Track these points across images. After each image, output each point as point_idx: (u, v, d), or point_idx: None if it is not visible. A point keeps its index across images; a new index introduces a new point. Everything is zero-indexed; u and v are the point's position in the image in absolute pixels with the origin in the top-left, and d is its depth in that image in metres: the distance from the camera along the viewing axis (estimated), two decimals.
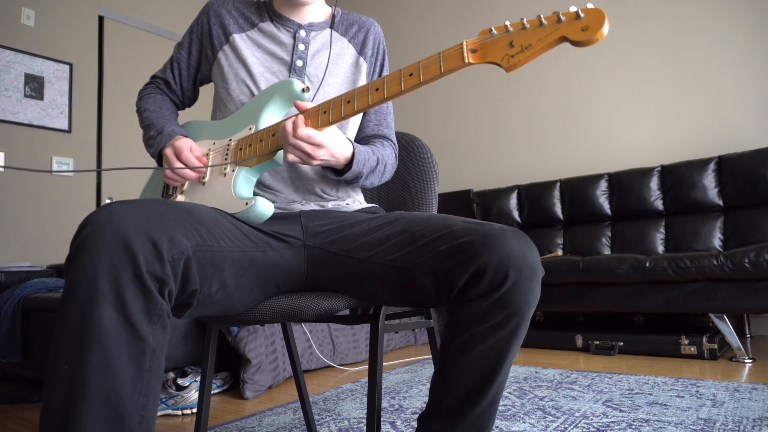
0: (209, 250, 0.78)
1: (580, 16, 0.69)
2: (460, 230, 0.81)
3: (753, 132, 3.03)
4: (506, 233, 0.78)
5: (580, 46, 0.70)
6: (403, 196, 1.27)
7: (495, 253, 0.75)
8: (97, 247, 0.66)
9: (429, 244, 0.83)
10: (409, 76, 0.82)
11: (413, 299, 0.88)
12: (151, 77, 1.24)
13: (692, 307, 2.42)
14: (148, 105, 1.18)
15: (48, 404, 0.63)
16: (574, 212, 3.34)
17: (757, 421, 1.43)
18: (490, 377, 0.79)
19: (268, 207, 0.94)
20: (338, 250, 0.94)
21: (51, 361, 0.65)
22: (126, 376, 0.64)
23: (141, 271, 0.67)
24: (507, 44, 0.74)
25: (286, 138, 0.89)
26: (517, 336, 0.79)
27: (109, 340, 0.64)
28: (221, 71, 1.12)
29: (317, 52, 1.13)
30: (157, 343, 0.68)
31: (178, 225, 0.74)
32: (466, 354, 0.79)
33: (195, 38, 1.17)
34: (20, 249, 3.35)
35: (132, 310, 0.66)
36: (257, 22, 1.15)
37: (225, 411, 1.78)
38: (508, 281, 0.75)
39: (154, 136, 1.09)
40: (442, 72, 0.79)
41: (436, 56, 0.80)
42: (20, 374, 2.36)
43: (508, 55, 0.73)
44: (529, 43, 0.72)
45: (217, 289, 0.81)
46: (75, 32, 3.73)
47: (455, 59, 0.78)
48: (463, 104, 4.20)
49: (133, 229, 0.68)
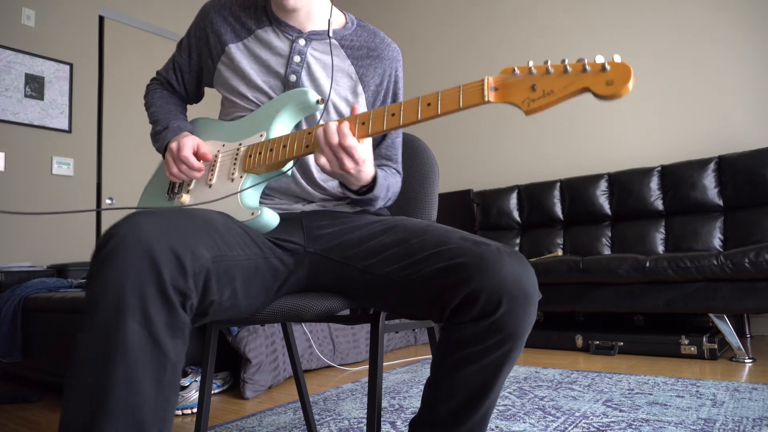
0: (223, 260, 0.78)
1: (606, 68, 0.67)
2: (456, 249, 0.79)
3: (753, 132, 3.03)
4: (502, 256, 0.75)
5: (603, 99, 0.67)
6: (403, 196, 1.27)
7: (489, 278, 0.73)
8: (122, 261, 0.66)
9: (425, 259, 0.81)
10: (426, 106, 0.79)
11: (406, 312, 0.87)
12: (156, 74, 1.21)
13: (692, 307, 2.42)
14: (155, 100, 1.16)
15: (68, 416, 0.63)
16: (574, 212, 3.34)
17: (757, 421, 1.43)
18: (482, 395, 0.79)
19: (274, 218, 0.94)
20: (337, 257, 0.93)
21: (73, 374, 0.64)
22: (148, 390, 0.64)
23: (166, 285, 0.66)
24: (529, 87, 0.72)
25: (330, 141, 0.83)
26: (511, 358, 0.78)
27: (133, 354, 0.63)
28: (223, 82, 1.09)
29: (313, 67, 1.04)
30: (177, 356, 0.68)
31: (199, 237, 0.74)
32: (459, 372, 0.79)
33: (194, 43, 1.12)
34: (20, 249, 3.35)
35: (156, 324, 0.66)
36: (254, 28, 1.07)
37: (225, 411, 1.78)
38: (502, 308, 0.73)
39: (160, 131, 1.08)
40: (461, 107, 0.76)
41: (456, 89, 0.78)
42: (20, 374, 2.36)
43: (529, 98, 0.71)
44: (551, 89, 0.70)
45: (228, 297, 0.80)
46: (75, 32, 3.73)
47: (475, 96, 0.75)
48: None
49: (157, 243, 0.68)
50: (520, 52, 3.92)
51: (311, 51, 1.05)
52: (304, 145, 0.91)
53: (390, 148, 1.13)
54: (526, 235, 3.51)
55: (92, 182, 3.76)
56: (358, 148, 0.84)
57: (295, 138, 0.92)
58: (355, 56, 1.08)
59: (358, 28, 1.10)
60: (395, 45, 1.13)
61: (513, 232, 3.56)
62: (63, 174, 3.59)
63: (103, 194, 3.81)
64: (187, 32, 1.14)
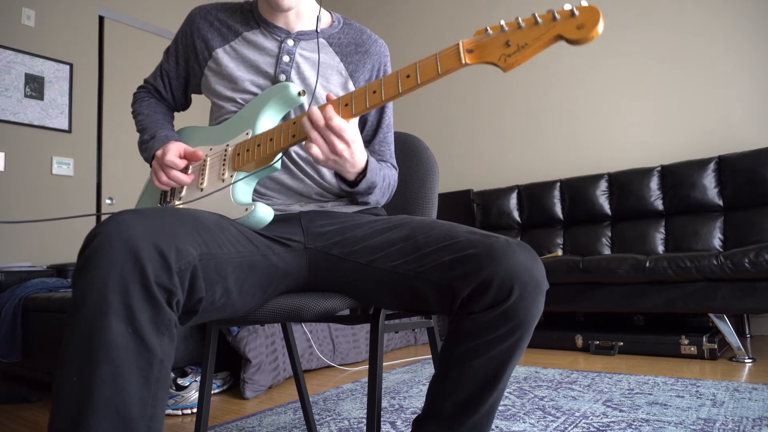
0: (213, 258, 0.78)
1: (575, 14, 0.69)
2: (465, 241, 0.80)
3: (753, 132, 3.03)
4: (512, 246, 0.77)
5: (576, 44, 0.69)
6: (403, 196, 1.27)
7: (501, 267, 0.74)
8: (106, 259, 0.66)
9: (433, 252, 0.82)
10: (406, 78, 0.81)
11: (413, 306, 0.88)
12: (144, 81, 1.21)
13: (692, 307, 2.43)
14: (142, 108, 1.16)
15: (56, 415, 0.63)
16: (574, 212, 3.34)
17: (757, 421, 1.43)
18: (491, 386, 0.80)
19: (268, 212, 0.94)
20: (339, 253, 0.93)
21: (59, 373, 0.64)
22: (134, 387, 0.65)
23: (149, 282, 0.67)
24: (503, 44, 0.73)
25: (317, 125, 0.84)
26: (520, 347, 0.79)
27: (118, 352, 0.64)
28: (209, 87, 1.09)
29: (303, 66, 1.05)
30: (165, 353, 0.69)
31: (185, 234, 0.74)
32: (468, 363, 0.79)
33: (181, 49, 1.12)
34: (20, 249, 3.35)
35: (141, 321, 0.66)
36: (241, 30, 1.07)
37: (225, 411, 1.78)
38: (514, 295, 0.74)
39: (148, 140, 1.08)
40: (439, 73, 0.78)
41: (432, 57, 0.78)
42: (20, 374, 2.36)
43: (504, 54, 0.73)
44: (525, 42, 0.71)
45: (221, 295, 0.80)
46: (75, 32, 3.73)
47: (452, 60, 0.77)
48: (463, 104, 4.20)
49: (141, 241, 0.68)
50: None
51: (300, 50, 1.06)
52: (290, 135, 0.91)
53: (383, 144, 1.14)
54: (526, 235, 3.51)
55: (92, 182, 3.76)
56: (347, 128, 0.85)
57: (281, 130, 0.92)
58: (344, 53, 1.09)
59: (344, 26, 1.12)
60: (382, 41, 1.15)
61: (513, 232, 3.57)
62: (63, 174, 3.59)
63: (103, 194, 3.81)
64: (174, 39, 1.15)
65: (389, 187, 1.08)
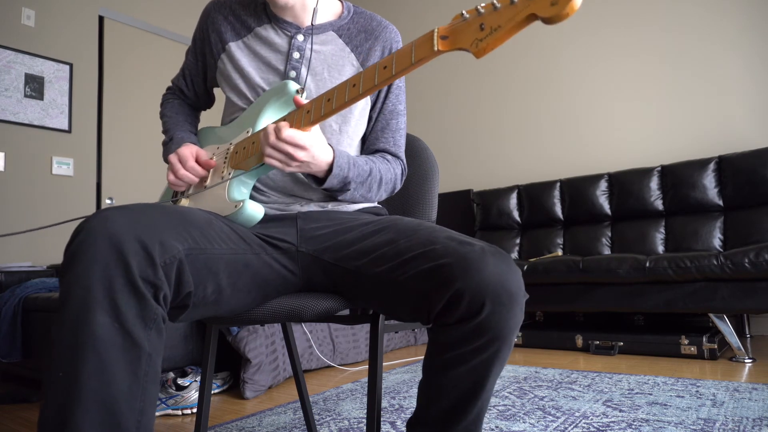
0: (202, 253, 0.78)
1: None
2: (441, 249, 0.77)
3: (753, 132, 3.03)
4: (485, 256, 0.74)
5: (550, 22, 0.63)
6: (403, 196, 1.27)
7: (472, 279, 0.72)
8: (90, 254, 0.67)
9: (412, 260, 0.80)
10: (383, 69, 0.77)
11: (398, 314, 0.87)
12: (171, 82, 1.25)
13: (692, 307, 2.43)
14: (166, 110, 1.20)
15: (45, 410, 0.64)
16: (574, 212, 3.34)
17: (757, 421, 1.43)
18: (473, 396, 0.79)
19: (258, 210, 0.95)
20: (329, 259, 0.93)
21: (48, 368, 0.65)
22: (122, 381, 0.65)
23: (134, 276, 0.67)
24: (477, 28, 0.68)
25: (267, 139, 0.85)
26: (499, 358, 0.77)
27: (104, 346, 0.64)
28: (224, 80, 1.10)
29: (314, 62, 1.05)
30: (153, 348, 0.69)
31: (169, 229, 0.75)
32: (448, 373, 0.78)
33: (198, 44, 1.14)
34: (20, 249, 3.35)
35: (126, 316, 0.66)
36: (254, 26, 1.08)
37: (225, 411, 1.78)
38: (486, 309, 0.72)
39: (167, 143, 1.12)
40: (413, 62, 0.73)
41: (409, 46, 0.74)
42: (20, 374, 2.36)
43: (477, 39, 0.68)
44: (498, 24, 0.66)
45: (212, 291, 0.80)
46: (75, 32, 3.73)
47: (425, 48, 0.72)
48: (462, 104, 4.20)
49: (124, 235, 0.68)
50: (520, 54, 3.93)
51: (310, 46, 1.05)
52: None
53: (384, 131, 1.12)
54: (526, 235, 3.51)
55: (92, 182, 3.76)
56: (299, 135, 0.85)
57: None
58: (354, 44, 1.08)
59: (354, 15, 1.11)
60: (393, 26, 1.13)
61: (513, 232, 3.57)
62: (63, 174, 3.59)
63: (103, 194, 3.80)
64: (192, 36, 1.17)
65: (380, 181, 1.03)
